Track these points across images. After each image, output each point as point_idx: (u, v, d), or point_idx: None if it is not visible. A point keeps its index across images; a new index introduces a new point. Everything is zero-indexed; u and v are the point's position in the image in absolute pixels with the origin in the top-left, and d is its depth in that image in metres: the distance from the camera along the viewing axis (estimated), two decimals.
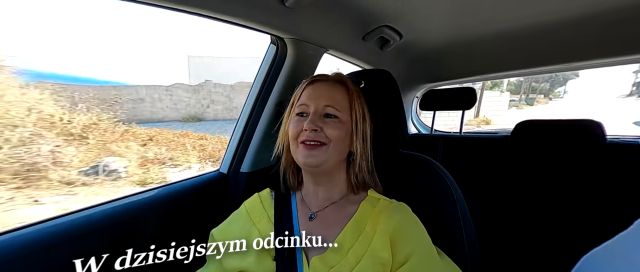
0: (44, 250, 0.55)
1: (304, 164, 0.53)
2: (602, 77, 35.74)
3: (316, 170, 0.54)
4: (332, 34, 1.00)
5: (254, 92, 0.96)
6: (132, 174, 3.12)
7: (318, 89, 0.55)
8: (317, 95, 0.54)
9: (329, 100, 0.53)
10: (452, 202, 0.60)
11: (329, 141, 0.51)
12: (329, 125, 0.52)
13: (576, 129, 1.10)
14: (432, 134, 1.70)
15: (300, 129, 0.52)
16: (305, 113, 0.54)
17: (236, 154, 0.95)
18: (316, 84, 0.56)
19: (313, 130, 0.50)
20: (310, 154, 0.51)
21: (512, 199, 1.22)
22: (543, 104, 21.10)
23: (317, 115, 0.52)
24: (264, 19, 0.78)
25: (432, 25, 1.12)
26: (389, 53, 1.24)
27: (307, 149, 0.51)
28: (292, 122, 0.54)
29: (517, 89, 21.57)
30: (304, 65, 0.96)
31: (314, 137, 0.51)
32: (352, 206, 0.54)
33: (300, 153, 0.52)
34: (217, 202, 0.90)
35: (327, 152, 0.51)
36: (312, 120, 0.51)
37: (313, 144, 0.51)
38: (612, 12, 0.94)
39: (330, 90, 0.54)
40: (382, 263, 0.45)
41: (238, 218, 0.59)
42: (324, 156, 0.51)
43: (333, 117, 0.53)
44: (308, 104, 0.53)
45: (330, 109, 0.53)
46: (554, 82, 27.31)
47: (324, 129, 0.51)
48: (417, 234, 0.50)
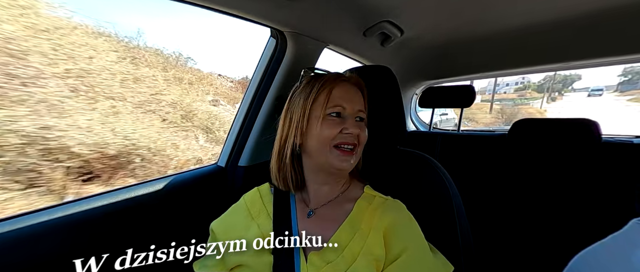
0: (40, 240, 0.55)
1: (338, 169, 0.51)
2: (601, 77, 47.37)
3: (343, 173, 0.54)
4: (332, 29, 0.99)
5: (253, 86, 0.95)
6: None
7: (349, 91, 0.53)
8: (350, 98, 0.52)
9: (360, 104, 0.53)
10: (448, 198, 0.61)
11: (358, 145, 0.52)
12: (362, 129, 0.52)
13: (572, 128, 1.11)
14: (430, 131, 1.70)
15: (337, 131, 0.50)
16: (341, 115, 0.51)
17: (234, 148, 0.95)
18: (345, 84, 0.53)
19: (357, 134, 0.51)
20: (346, 159, 0.50)
21: (508, 196, 1.23)
22: (559, 99, 30.06)
23: (353, 118, 0.52)
24: (264, 11, 0.77)
25: (434, 22, 1.11)
26: (389, 49, 1.23)
27: (344, 154, 0.50)
28: (325, 123, 0.50)
29: (539, 88, 31.29)
30: (304, 59, 0.96)
31: (353, 141, 0.51)
32: (349, 203, 0.54)
33: (335, 157, 0.50)
34: (215, 196, 0.91)
35: (356, 155, 0.52)
36: (354, 125, 0.51)
37: (350, 149, 0.51)
38: (612, 11, 0.94)
39: (357, 93, 0.54)
40: (376, 259, 0.46)
41: (238, 211, 0.59)
42: (354, 159, 0.52)
43: (362, 120, 0.54)
44: (344, 105, 0.51)
45: (362, 113, 0.53)
46: (565, 83, 40.72)
47: (359, 133, 0.51)
48: (410, 231, 0.51)
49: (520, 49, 1.28)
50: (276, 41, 0.93)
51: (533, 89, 33.12)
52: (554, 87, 32.86)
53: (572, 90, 42.11)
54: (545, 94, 27.89)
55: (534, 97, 28.39)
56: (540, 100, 24.55)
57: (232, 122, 0.98)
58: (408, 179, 0.66)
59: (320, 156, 0.51)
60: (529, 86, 33.32)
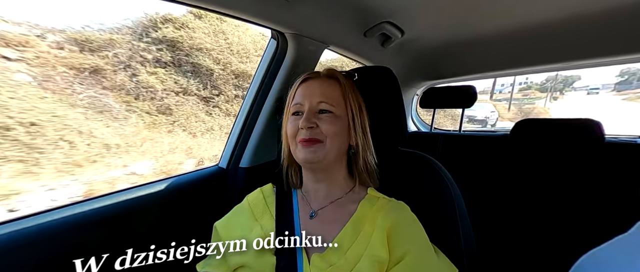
0: (39, 243, 0.55)
1: (303, 161, 0.53)
2: (601, 76, 50.36)
3: (316, 166, 0.54)
4: (333, 30, 0.99)
5: (254, 87, 0.96)
6: None
7: (310, 86, 0.55)
8: (309, 93, 0.54)
9: (322, 96, 0.53)
10: (449, 199, 0.60)
11: (325, 137, 0.52)
12: (324, 121, 0.52)
13: (574, 128, 1.10)
14: (432, 132, 1.70)
15: (296, 128, 0.52)
16: (300, 112, 0.54)
17: (235, 149, 0.95)
18: (308, 81, 0.56)
19: (309, 128, 0.51)
20: (309, 151, 0.51)
21: (510, 197, 1.22)
22: (560, 98, 31.42)
23: (311, 112, 0.52)
24: (265, 12, 0.77)
25: (434, 22, 1.11)
26: (390, 50, 1.23)
27: (305, 147, 0.51)
28: (288, 122, 0.55)
29: (542, 88, 32.57)
30: (305, 60, 0.96)
31: (310, 135, 0.51)
32: (352, 204, 0.54)
33: (299, 151, 0.52)
34: (216, 197, 0.90)
35: (324, 148, 0.52)
36: (306, 118, 0.51)
37: (309, 141, 0.51)
38: (612, 11, 0.93)
39: (322, 86, 0.54)
40: (380, 261, 0.46)
41: (241, 212, 0.59)
42: (322, 152, 0.51)
43: (328, 112, 0.53)
44: (302, 102, 0.54)
45: (324, 104, 0.53)
46: (566, 82, 42.76)
47: (319, 126, 0.51)
48: (414, 233, 0.50)
49: (520, 49, 1.27)
50: (277, 42, 0.93)
51: (536, 88, 34.58)
52: (556, 87, 34.92)
53: (572, 89, 45.09)
54: (548, 94, 29.19)
55: (537, 97, 29.36)
56: (543, 100, 25.99)
57: (233, 123, 0.98)
58: (409, 180, 0.66)
59: (292, 152, 0.55)
60: (532, 86, 34.83)
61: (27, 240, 0.54)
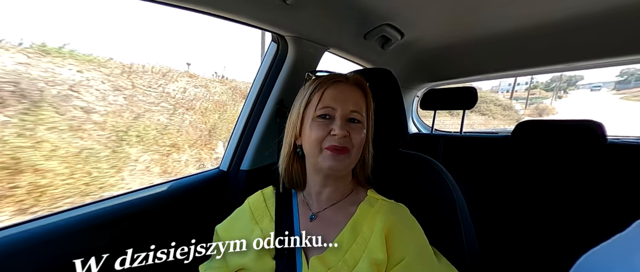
0: (43, 246, 0.55)
1: (329, 169, 0.50)
2: (602, 75, 52.61)
3: (337, 174, 0.53)
4: (333, 32, 0.99)
5: (255, 90, 0.96)
6: None
7: (343, 92, 0.52)
8: (342, 99, 0.51)
9: (355, 105, 0.52)
10: (451, 201, 0.60)
11: (352, 146, 0.51)
12: (355, 130, 0.51)
13: (576, 130, 1.10)
14: (433, 134, 1.70)
15: (326, 133, 0.50)
16: (328, 115, 0.51)
17: (236, 152, 0.95)
18: (339, 85, 0.53)
19: (344, 136, 0.49)
20: (337, 159, 0.49)
21: (512, 199, 1.22)
22: (564, 97, 34.34)
23: (344, 120, 0.50)
24: (265, 16, 0.78)
25: (434, 24, 1.11)
26: (390, 52, 1.24)
27: (335, 155, 0.49)
28: (314, 125, 0.51)
29: (547, 87, 35.77)
30: (305, 63, 0.96)
31: (344, 143, 0.49)
32: (352, 206, 0.54)
33: (325, 158, 0.50)
34: (218, 200, 0.91)
35: (350, 157, 0.51)
36: (342, 126, 0.49)
37: (341, 149, 0.50)
38: (612, 11, 0.93)
39: (353, 94, 0.53)
40: (378, 263, 0.46)
41: (242, 215, 0.59)
42: (348, 161, 0.51)
43: (357, 122, 0.52)
44: (334, 107, 0.51)
45: (356, 114, 0.51)
46: (570, 82, 46.70)
47: (351, 135, 0.50)
48: (413, 235, 0.50)
49: (520, 50, 1.27)
50: (277, 45, 0.93)
51: (541, 88, 36.37)
52: (561, 86, 37.06)
53: (576, 88, 47.79)
54: (554, 93, 30.23)
55: (544, 97, 29.98)
56: (550, 99, 27.76)
57: (233, 126, 0.99)
58: (410, 181, 0.66)
59: (313, 157, 0.52)
60: (538, 85, 37.12)
61: (29, 244, 0.54)
